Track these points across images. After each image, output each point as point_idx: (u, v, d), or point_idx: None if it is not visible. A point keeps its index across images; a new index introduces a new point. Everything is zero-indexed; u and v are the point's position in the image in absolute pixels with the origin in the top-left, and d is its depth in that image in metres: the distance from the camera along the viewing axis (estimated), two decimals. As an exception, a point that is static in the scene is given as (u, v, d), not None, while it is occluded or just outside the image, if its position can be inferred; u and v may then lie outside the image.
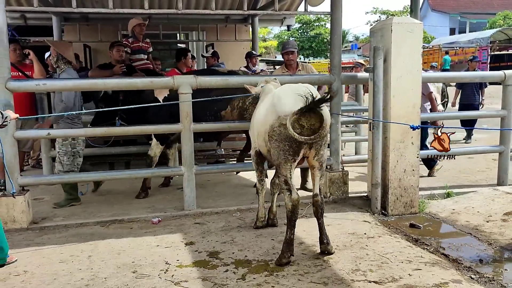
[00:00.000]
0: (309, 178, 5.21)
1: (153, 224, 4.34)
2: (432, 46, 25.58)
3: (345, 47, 41.98)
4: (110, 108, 4.85)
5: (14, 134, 4.25)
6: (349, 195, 5.06)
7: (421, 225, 4.22)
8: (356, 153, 7.76)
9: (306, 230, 4.03)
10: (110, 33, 8.93)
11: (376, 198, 4.57)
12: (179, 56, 6.34)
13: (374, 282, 3.00)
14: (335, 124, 4.99)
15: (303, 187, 5.44)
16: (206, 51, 8.55)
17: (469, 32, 36.48)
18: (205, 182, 5.97)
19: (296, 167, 3.43)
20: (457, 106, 9.48)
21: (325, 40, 37.62)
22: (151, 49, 6.89)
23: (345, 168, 5.16)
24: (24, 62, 6.09)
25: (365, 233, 3.95)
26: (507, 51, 24.51)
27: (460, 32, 38.65)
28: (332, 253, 3.46)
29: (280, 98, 3.35)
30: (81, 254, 3.58)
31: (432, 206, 4.78)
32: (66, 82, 4.57)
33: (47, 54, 7.96)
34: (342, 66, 5.26)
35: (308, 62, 32.01)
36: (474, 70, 9.28)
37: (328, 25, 39.84)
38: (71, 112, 4.72)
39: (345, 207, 4.77)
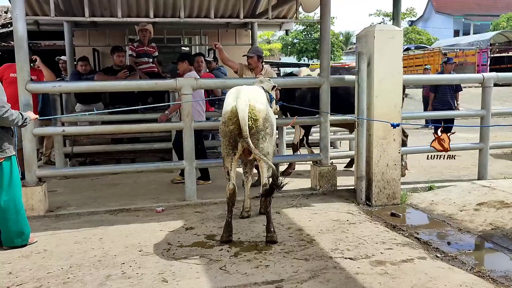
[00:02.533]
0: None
1: (157, 213, 4.79)
2: (433, 48, 25.83)
3: (350, 48, 42.28)
4: (120, 109, 5.30)
5: (33, 131, 4.72)
6: (338, 187, 5.48)
7: (400, 214, 4.63)
8: (350, 150, 8.16)
9: (295, 217, 4.47)
10: (117, 38, 9.42)
11: (361, 190, 4.99)
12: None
13: (349, 258, 3.43)
14: (324, 123, 5.43)
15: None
16: (208, 55, 9.01)
17: (473, 34, 36.56)
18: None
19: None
20: None
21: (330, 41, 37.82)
22: (156, 53, 7.34)
23: (334, 163, 5.59)
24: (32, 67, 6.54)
25: (347, 220, 4.37)
26: (507, 53, 24.73)
27: (464, 34, 38.72)
28: (276, 242, 3.70)
29: (225, 100, 3.77)
30: (93, 237, 4.04)
31: (413, 198, 5.19)
32: (79, 84, 5.04)
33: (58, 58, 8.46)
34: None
35: (312, 64, 32.38)
36: (449, 72, 8.61)
37: (333, 27, 40.26)
38: (83, 113, 5.19)
39: (333, 198, 5.19)
